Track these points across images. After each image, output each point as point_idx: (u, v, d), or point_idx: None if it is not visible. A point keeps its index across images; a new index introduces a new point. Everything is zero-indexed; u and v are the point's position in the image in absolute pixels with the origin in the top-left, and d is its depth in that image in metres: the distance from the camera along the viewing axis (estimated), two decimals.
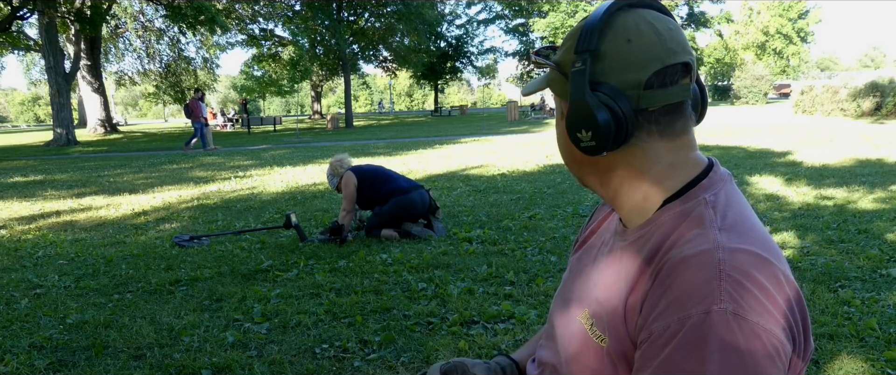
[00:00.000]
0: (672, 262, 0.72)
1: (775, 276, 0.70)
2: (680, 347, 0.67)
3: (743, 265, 0.69)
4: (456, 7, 41.32)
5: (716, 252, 0.70)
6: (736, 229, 0.74)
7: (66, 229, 5.41)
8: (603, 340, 0.79)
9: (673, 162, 0.81)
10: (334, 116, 27.68)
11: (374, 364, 2.41)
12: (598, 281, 0.85)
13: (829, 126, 14.65)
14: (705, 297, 0.67)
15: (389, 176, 4.72)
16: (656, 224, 0.80)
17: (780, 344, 0.67)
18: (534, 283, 3.30)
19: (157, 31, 30.01)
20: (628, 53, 0.77)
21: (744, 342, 0.65)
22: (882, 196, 5.33)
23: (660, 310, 0.70)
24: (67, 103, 19.98)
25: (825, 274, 3.24)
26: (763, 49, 48.74)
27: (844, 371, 2.21)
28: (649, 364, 0.70)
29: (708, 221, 0.75)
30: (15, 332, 2.88)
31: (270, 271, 3.73)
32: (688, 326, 0.67)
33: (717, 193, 0.79)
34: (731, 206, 0.78)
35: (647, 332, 0.71)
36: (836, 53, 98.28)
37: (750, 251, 0.71)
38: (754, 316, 0.66)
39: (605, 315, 0.80)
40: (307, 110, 61.86)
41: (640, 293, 0.75)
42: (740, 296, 0.67)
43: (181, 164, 11.82)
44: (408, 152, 12.18)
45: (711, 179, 0.81)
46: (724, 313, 0.66)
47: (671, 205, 0.80)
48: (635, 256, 0.80)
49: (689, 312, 0.67)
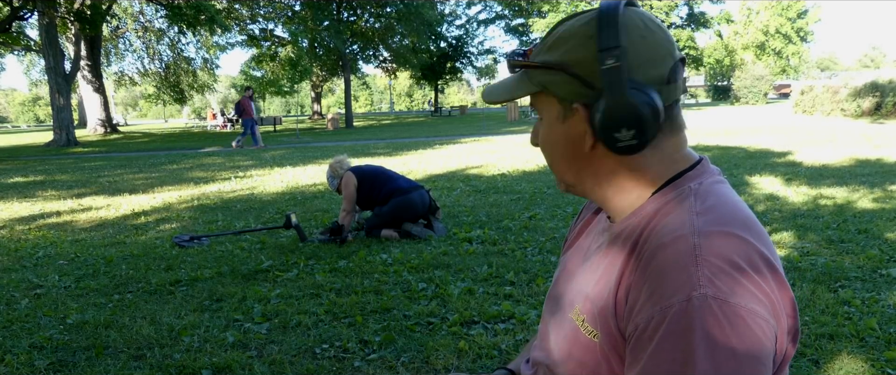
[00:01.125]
0: (650, 250, 0.72)
1: (754, 256, 0.70)
2: (665, 338, 0.67)
3: (719, 248, 0.69)
4: (456, 7, 41.33)
5: (691, 237, 0.70)
6: (714, 212, 0.74)
7: (66, 230, 5.41)
8: (595, 335, 0.79)
9: (673, 157, 0.82)
10: (334, 117, 27.69)
11: (374, 364, 2.41)
12: (588, 278, 0.85)
13: (828, 126, 14.65)
14: (684, 284, 0.67)
15: (389, 176, 4.72)
16: (640, 215, 0.80)
17: (765, 323, 0.67)
18: (534, 283, 3.30)
19: (157, 32, 30.03)
20: (646, 49, 0.77)
21: (728, 325, 0.65)
22: (882, 196, 5.34)
23: (643, 301, 0.70)
24: (67, 104, 19.97)
25: (825, 274, 3.24)
26: (762, 49, 48.74)
27: (844, 371, 2.21)
28: (639, 357, 0.70)
29: (687, 206, 0.76)
30: (15, 332, 2.88)
31: (270, 271, 3.73)
32: (670, 315, 0.67)
33: (703, 181, 0.80)
34: (712, 192, 0.78)
35: (634, 325, 0.71)
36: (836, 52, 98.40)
37: (727, 232, 0.71)
38: (735, 298, 0.66)
39: (596, 311, 0.80)
40: (307, 111, 61.86)
41: (626, 284, 0.75)
42: (719, 279, 0.66)
43: (181, 164, 11.82)
44: (408, 152, 12.18)
45: (698, 170, 0.82)
46: (705, 298, 0.65)
47: (657, 195, 0.81)
48: (622, 248, 0.80)
49: (670, 301, 0.67)
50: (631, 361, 0.72)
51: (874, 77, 18.42)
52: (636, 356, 0.71)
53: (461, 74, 46.74)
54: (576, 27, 0.80)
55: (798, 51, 49.04)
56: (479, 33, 65.40)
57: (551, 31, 0.83)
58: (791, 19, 47.60)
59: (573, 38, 0.80)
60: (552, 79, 0.82)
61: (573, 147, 0.84)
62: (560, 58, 0.81)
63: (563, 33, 0.81)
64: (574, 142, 0.83)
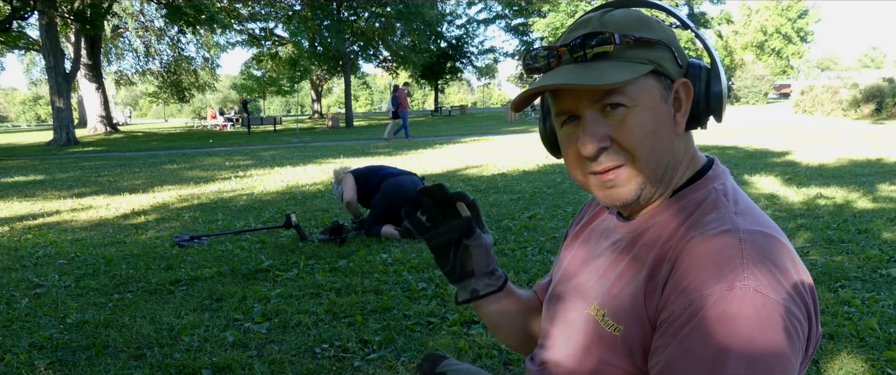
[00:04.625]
0: (694, 242, 0.73)
1: (791, 258, 0.72)
2: (702, 323, 0.68)
3: (762, 245, 0.71)
4: (456, 7, 41.31)
5: (737, 233, 0.72)
6: (749, 214, 0.77)
7: (66, 229, 5.41)
8: (617, 329, 0.79)
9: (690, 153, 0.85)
10: (334, 116, 27.68)
11: (374, 363, 2.41)
12: (606, 274, 0.86)
13: (829, 126, 14.65)
14: (729, 274, 0.68)
15: (381, 169, 4.83)
16: (669, 212, 0.82)
17: (798, 323, 0.68)
18: (534, 283, 3.29)
19: (157, 31, 30.02)
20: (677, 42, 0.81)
21: (766, 318, 0.66)
22: (882, 196, 5.33)
23: (682, 289, 0.71)
24: (67, 103, 19.97)
25: (825, 274, 3.24)
26: (762, 49, 48.74)
27: (844, 371, 2.21)
28: (670, 342, 0.70)
29: (723, 205, 0.78)
30: (15, 332, 2.88)
31: (270, 271, 3.73)
32: (711, 302, 0.67)
33: (724, 183, 0.83)
34: (738, 195, 0.82)
35: (669, 312, 0.72)
36: (836, 52, 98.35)
37: (767, 233, 0.73)
38: (775, 294, 0.67)
39: (619, 305, 0.80)
40: (307, 110, 61.86)
41: (660, 276, 0.76)
42: (762, 274, 0.68)
43: (181, 164, 11.82)
44: (408, 152, 12.18)
45: (716, 171, 0.85)
46: (748, 289, 0.67)
47: (682, 193, 0.83)
48: (650, 243, 0.81)
49: (712, 289, 0.68)
50: (660, 345, 0.72)
51: (875, 78, 18.42)
52: (667, 340, 0.71)
53: (461, 74, 46.74)
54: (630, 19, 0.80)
55: (798, 51, 49.05)
56: (480, 33, 65.47)
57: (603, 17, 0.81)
58: (791, 20, 47.60)
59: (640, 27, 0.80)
60: (661, 55, 0.79)
61: (669, 130, 0.81)
62: (659, 36, 0.80)
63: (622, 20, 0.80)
64: (669, 125, 0.81)
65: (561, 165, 8.35)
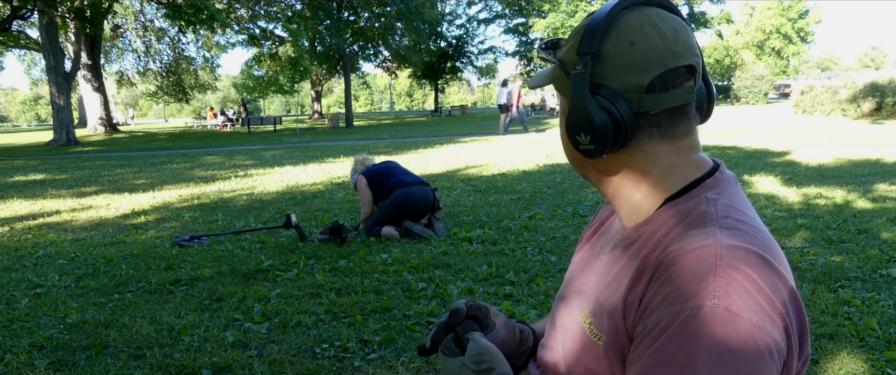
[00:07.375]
0: (671, 256, 0.72)
1: (773, 276, 0.70)
2: (670, 340, 0.67)
3: (740, 262, 0.68)
4: (456, 7, 41.34)
5: (714, 248, 0.70)
6: (736, 228, 0.74)
7: (66, 229, 5.41)
8: (600, 338, 0.79)
9: (674, 163, 0.81)
10: (334, 116, 27.67)
11: (374, 363, 2.41)
12: (598, 281, 0.85)
13: (828, 126, 14.64)
14: (700, 292, 0.67)
15: (395, 172, 4.79)
16: (657, 222, 0.79)
17: (773, 343, 0.66)
18: (534, 283, 3.30)
19: (158, 31, 30.01)
20: (631, 55, 0.76)
21: (736, 338, 0.64)
22: (881, 196, 5.33)
23: (656, 303, 0.70)
24: (68, 103, 19.97)
25: (825, 274, 3.24)
26: (762, 48, 48.74)
27: (844, 371, 2.21)
28: (642, 356, 0.70)
29: (709, 218, 0.75)
30: (15, 332, 2.88)
31: (270, 271, 3.73)
32: (680, 319, 0.66)
33: (721, 192, 0.79)
34: (733, 205, 0.78)
35: (643, 325, 0.71)
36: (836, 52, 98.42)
37: (749, 249, 0.70)
38: (748, 313, 0.65)
39: (603, 314, 0.79)
40: (307, 110, 61.87)
41: (639, 288, 0.75)
42: (735, 293, 0.66)
43: (181, 164, 11.82)
44: (408, 152, 12.17)
45: (716, 179, 0.81)
46: (718, 308, 0.65)
47: (672, 203, 0.80)
48: (635, 254, 0.79)
49: (683, 306, 0.67)
50: (632, 358, 0.72)
51: (874, 78, 18.41)
52: (639, 354, 0.70)
53: (461, 74, 46.73)
54: (580, 25, 0.82)
55: (798, 51, 49.07)
56: (480, 33, 65.46)
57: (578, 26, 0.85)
58: (791, 20, 47.60)
59: (574, 37, 0.82)
60: (556, 74, 0.85)
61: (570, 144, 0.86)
62: (561, 55, 0.84)
63: (575, 29, 0.83)
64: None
65: (561, 165, 8.38)
